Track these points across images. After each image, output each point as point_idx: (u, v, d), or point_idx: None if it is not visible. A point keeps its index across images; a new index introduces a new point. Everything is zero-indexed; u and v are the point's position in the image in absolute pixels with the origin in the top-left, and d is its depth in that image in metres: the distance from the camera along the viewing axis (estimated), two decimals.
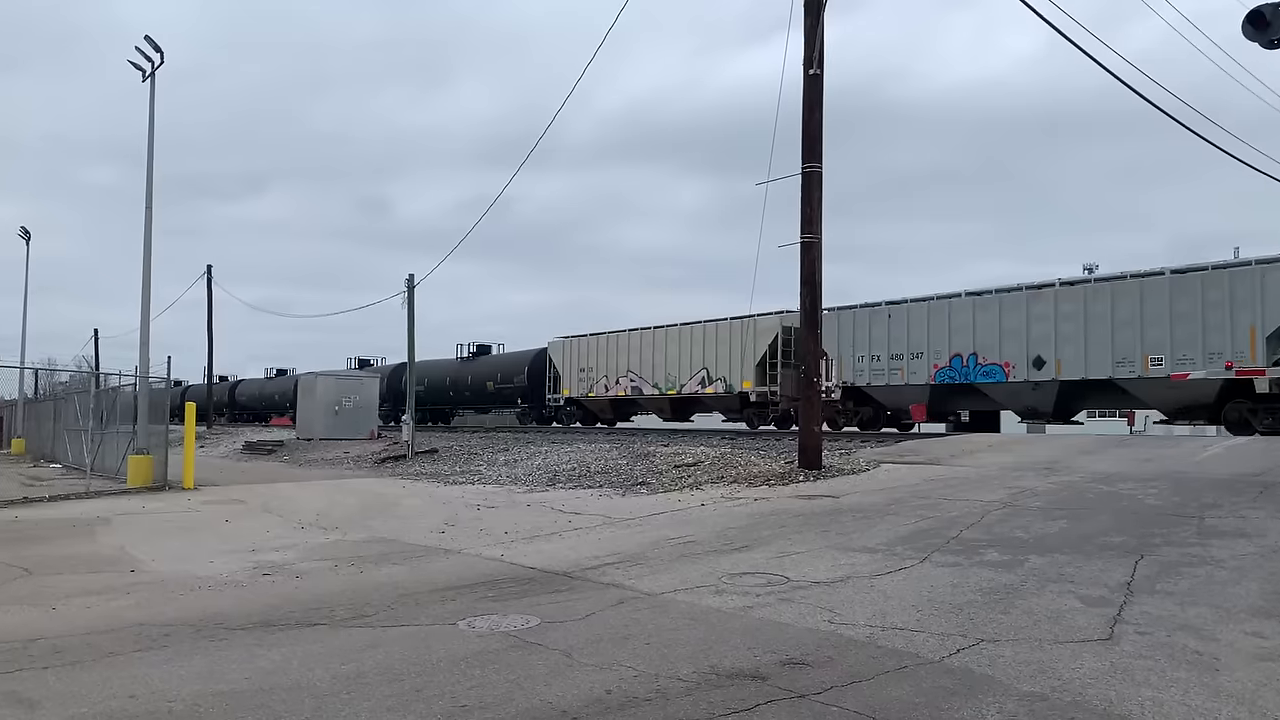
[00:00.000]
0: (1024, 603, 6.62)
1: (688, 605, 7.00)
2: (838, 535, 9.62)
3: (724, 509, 12.20)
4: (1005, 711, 4.51)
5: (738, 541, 9.63)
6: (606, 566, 8.69)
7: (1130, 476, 12.49)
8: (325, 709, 4.86)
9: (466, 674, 5.40)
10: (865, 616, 6.40)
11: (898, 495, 12.13)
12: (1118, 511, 10.05)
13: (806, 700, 4.74)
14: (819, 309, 16.00)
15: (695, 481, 15.40)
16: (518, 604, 7.28)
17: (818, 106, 15.60)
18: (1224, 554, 7.81)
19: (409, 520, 13.11)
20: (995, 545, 8.62)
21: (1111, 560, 7.78)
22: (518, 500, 14.90)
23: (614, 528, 11.25)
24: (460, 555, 9.89)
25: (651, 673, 5.28)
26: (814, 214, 15.66)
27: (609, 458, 19.28)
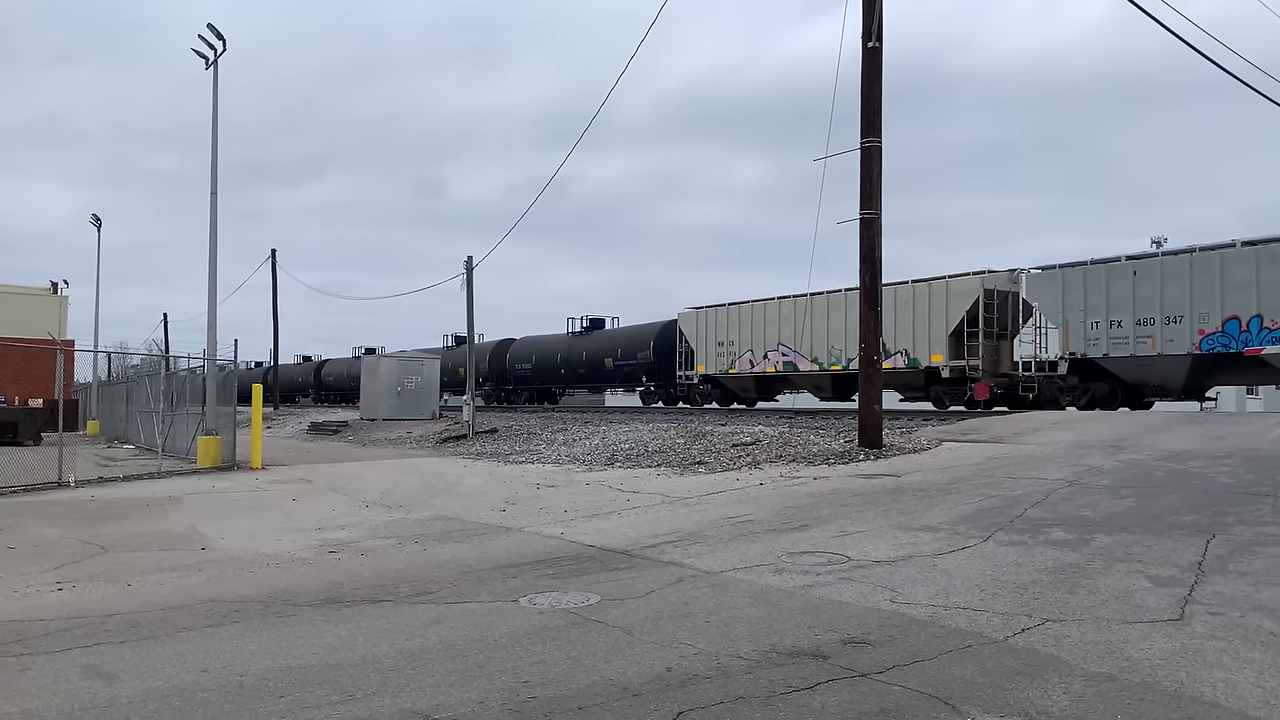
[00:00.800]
0: (1091, 582, 6.50)
1: (747, 584, 6.99)
2: (899, 514, 9.53)
3: (783, 488, 12.15)
4: (1072, 692, 4.44)
5: (797, 520, 9.59)
6: (665, 545, 8.72)
7: (1201, 454, 12.19)
8: (390, 683, 4.94)
9: (528, 650, 5.46)
10: (928, 596, 6.34)
11: (960, 474, 11.97)
12: (1188, 490, 9.82)
13: (868, 679, 4.71)
14: (879, 285, 15.81)
15: (754, 460, 15.36)
16: (578, 582, 7.34)
17: (877, 80, 15.37)
18: None
19: (470, 499, 13.26)
20: (1061, 524, 8.48)
21: (1182, 539, 7.61)
22: (576, 479, 14.99)
23: (672, 506, 11.27)
24: (521, 533, 9.98)
25: (712, 650, 5.29)
26: (873, 190, 15.46)
27: (667, 437, 19.30)
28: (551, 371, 45.40)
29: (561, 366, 44.68)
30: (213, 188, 22.70)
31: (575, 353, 43.88)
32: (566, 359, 44.37)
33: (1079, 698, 4.37)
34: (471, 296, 28.40)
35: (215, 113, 22.92)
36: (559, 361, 44.80)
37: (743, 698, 4.50)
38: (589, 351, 43.08)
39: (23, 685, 5.10)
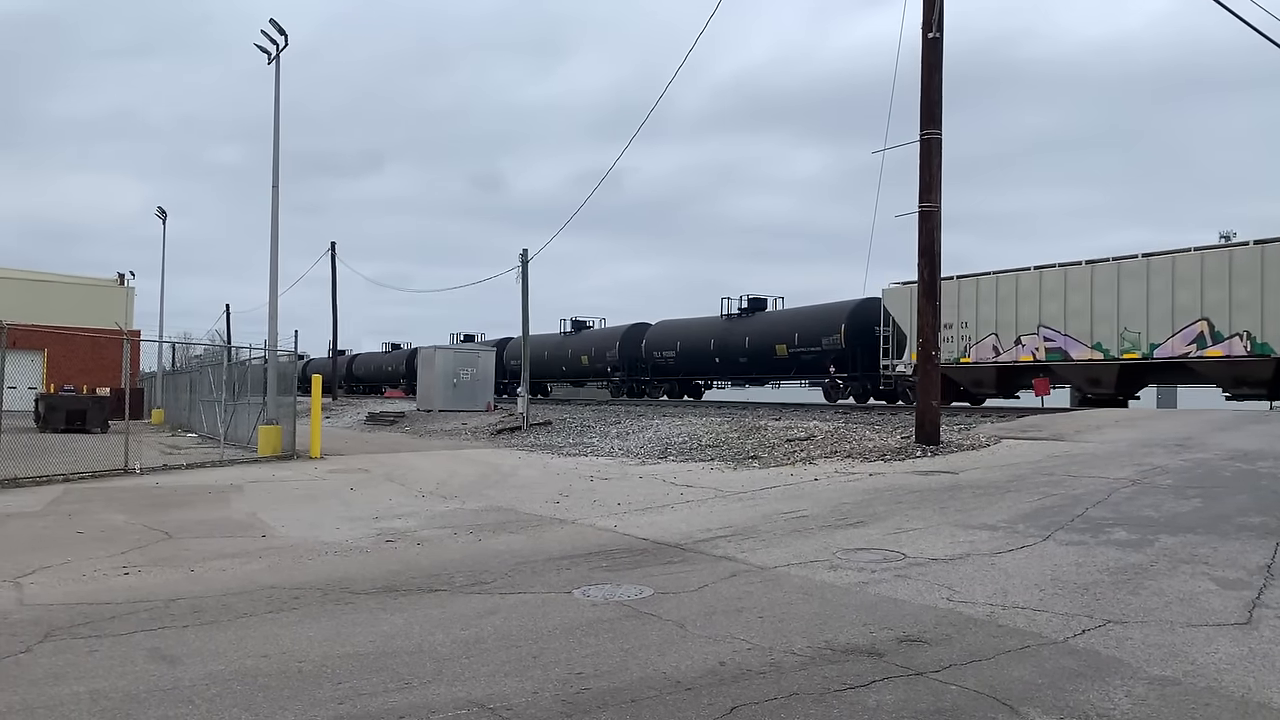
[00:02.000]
0: (1154, 584, 6.36)
1: (801, 579, 6.95)
2: (956, 512, 9.41)
3: (837, 484, 12.06)
4: (1134, 695, 4.35)
5: (852, 517, 9.51)
6: (718, 539, 8.70)
7: (1270, 454, 11.86)
8: (445, 672, 4.99)
9: (582, 642, 5.48)
10: (985, 595, 6.25)
11: (1019, 472, 11.78)
12: (1257, 490, 9.56)
13: (924, 678, 4.66)
14: (938, 279, 15.61)
15: (808, 456, 15.26)
16: (631, 574, 7.35)
17: (937, 71, 15.16)
18: None
19: (524, 490, 13.35)
20: (1123, 524, 8.30)
21: (1250, 541, 7.41)
22: (630, 472, 15.02)
23: (725, 500, 11.24)
24: (574, 525, 10.03)
25: (765, 646, 5.27)
26: (933, 182, 15.26)
27: (720, 431, 19.26)
28: (702, 360, 39.10)
29: (716, 354, 38.23)
30: (274, 181, 23.10)
31: (734, 339, 37.41)
32: (723, 346, 37.90)
33: (1141, 701, 4.28)
34: (526, 289, 28.58)
35: (277, 107, 23.31)
36: (712, 349, 38.42)
37: (796, 694, 4.48)
38: (753, 337, 36.55)
39: (90, 666, 5.24)
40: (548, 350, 47.69)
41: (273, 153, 23.16)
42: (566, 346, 47.69)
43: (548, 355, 47.61)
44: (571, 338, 48.38)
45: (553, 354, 47.92)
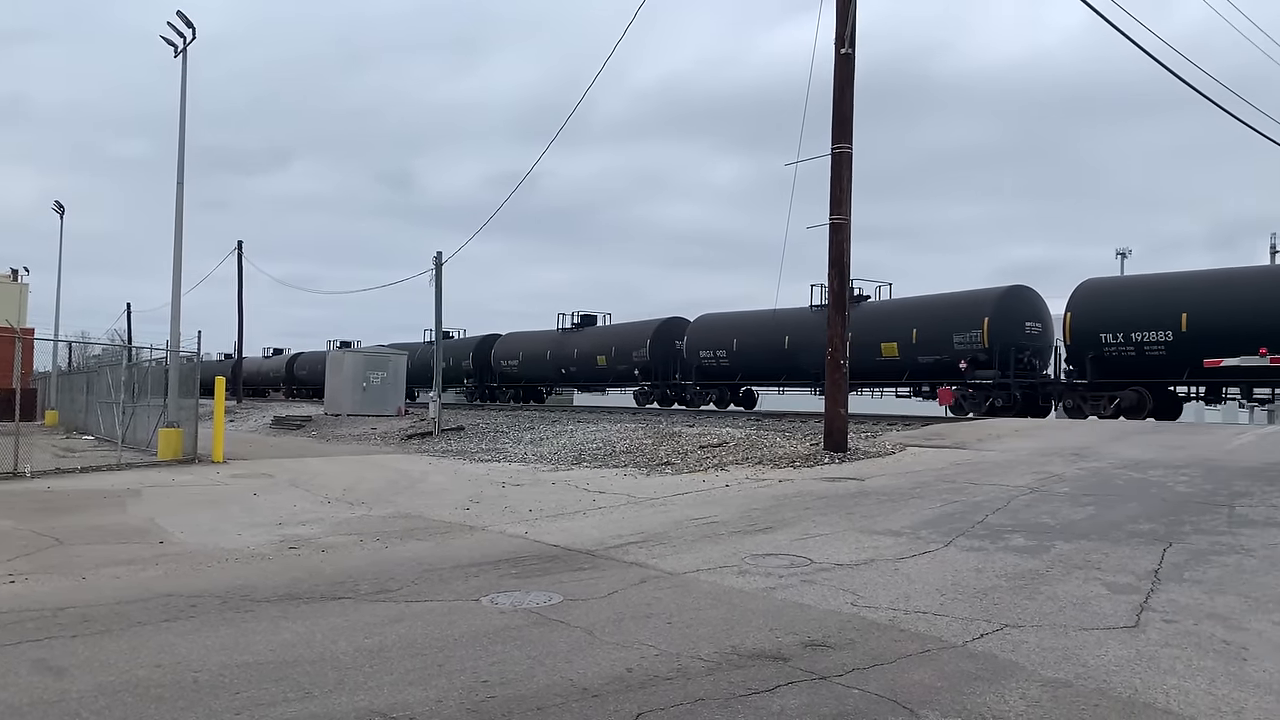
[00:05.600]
0: (1049, 589, 6.56)
1: (710, 585, 6.99)
2: (862, 518, 9.58)
3: (748, 490, 12.18)
4: (1029, 697, 4.48)
5: (761, 523, 9.61)
6: (630, 545, 8.71)
7: (1160, 463, 12.35)
8: (347, 681, 4.89)
9: (488, 650, 5.43)
10: (888, 599, 6.37)
11: (923, 479, 12.05)
12: (1147, 499, 9.94)
13: (827, 682, 4.72)
14: (847, 290, 15.88)
15: (720, 462, 15.38)
16: (541, 581, 7.31)
17: (849, 86, 15.45)
18: (1254, 543, 7.71)
19: (434, 497, 13.18)
20: (1021, 530, 8.55)
21: (1139, 547, 7.70)
22: (543, 478, 14.95)
23: (638, 507, 11.26)
24: (484, 532, 9.94)
25: (673, 652, 5.28)
26: (843, 195, 15.54)
27: (635, 437, 19.29)
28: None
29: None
30: (179, 177, 22.41)
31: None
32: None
33: (1035, 703, 4.41)
34: (440, 293, 28.26)
35: (183, 102, 22.64)
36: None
37: (702, 699, 4.50)
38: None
39: None
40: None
41: (178, 148, 22.47)
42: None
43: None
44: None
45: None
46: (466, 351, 48.42)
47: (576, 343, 41.00)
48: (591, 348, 39.91)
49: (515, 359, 44.84)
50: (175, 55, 22.74)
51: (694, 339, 35.75)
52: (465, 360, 48.01)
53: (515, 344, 45.65)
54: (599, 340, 40.01)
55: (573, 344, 41.08)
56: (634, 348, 37.13)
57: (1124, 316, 23.14)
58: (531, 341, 44.27)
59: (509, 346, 45.90)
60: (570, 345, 41.16)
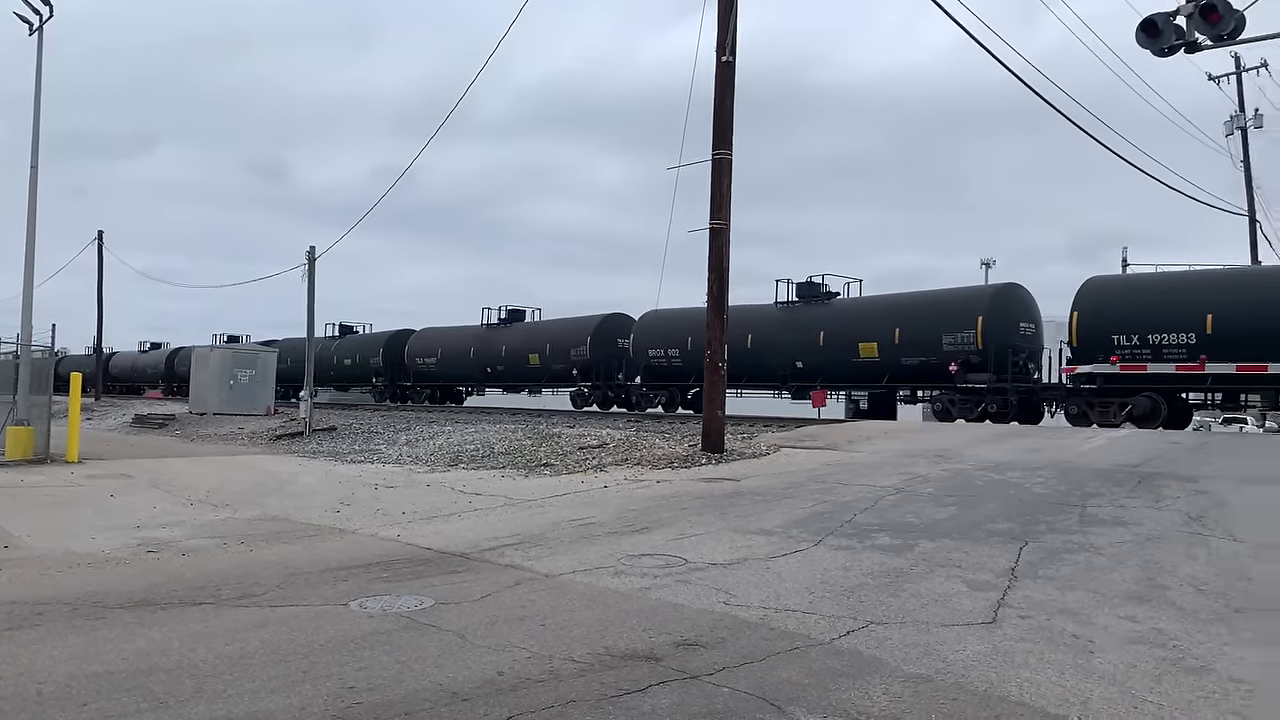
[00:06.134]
0: (913, 586, 6.77)
1: (585, 586, 6.98)
2: (736, 518, 9.71)
3: (626, 491, 12.22)
4: (891, 693, 4.61)
5: (638, 523, 9.65)
6: (505, 548, 8.63)
7: (1018, 465, 12.90)
8: (206, 689, 4.71)
9: (356, 655, 5.30)
10: (759, 598, 6.48)
11: (796, 479, 12.31)
12: (1005, 499, 10.36)
13: (698, 681, 4.77)
14: (726, 295, 16.11)
15: (599, 463, 15.40)
16: (412, 585, 7.17)
17: (729, 94, 15.67)
18: (1103, 541, 8.11)
19: (303, 499, 12.81)
20: (887, 530, 8.81)
21: (998, 546, 8.02)
22: (418, 480, 14.69)
23: (515, 509, 11.17)
24: (355, 535, 9.70)
25: (545, 654, 5.25)
26: (723, 201, 15.76)
27: (514, 439, 19.15)
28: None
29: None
30: (33, 161, 21.25)
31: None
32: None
33: (897, 698, 4.54)
34: (313, 288, 27.45)
35: (39, 84, 21.47)
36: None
37: (573, 701, 4.48)
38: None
39: None
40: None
41: (32, 131, 21.31)
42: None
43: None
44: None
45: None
46: (375, 348, 45.19)
47: (504, 339, 38.10)
48: (522, 345, 37.20)
49: (433, 356, 41.58)
50: (30, 33, 21.56)
51: (642, 336, 33.03)
52: (374, 358, 44.88)
53: (432, 340, 42.27)
54: (531, 337, 37.34)
55: (500, 341, 38.27)
56: (572, 345, 34.43)
57: (1139, 317, 21.82)
58: (452, 338, 40.99)
59: (425, 343, 42.63)
60: (497, 342, 38.33)
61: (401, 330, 45.21)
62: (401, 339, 44.31)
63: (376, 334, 46.99)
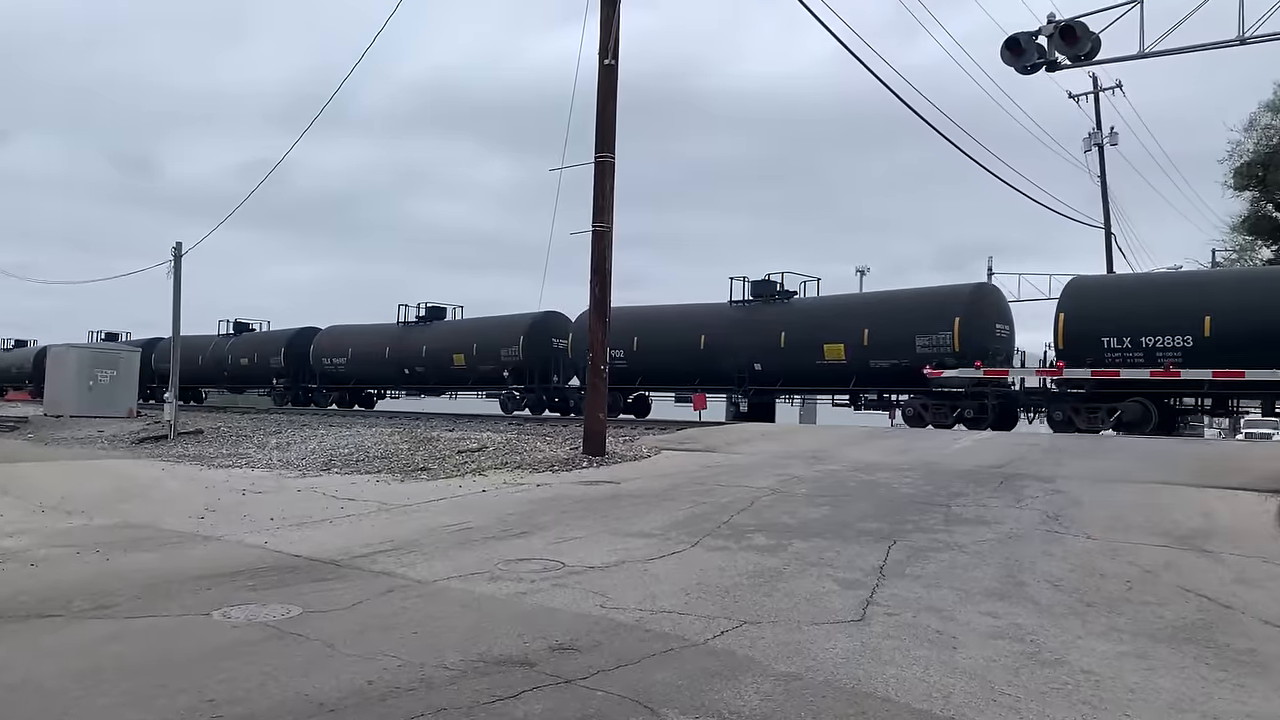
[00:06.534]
0: (786, 585, 6.89)
1: (460, 592, 6.88)
2: (616, 520, 9.73)
3: (506, 495, 12.11)
4: (762, 692, 4.67)
5: (517, 528, 9.56)
6: (378, 554, 8.43)
7: (888, 466, 13.28)
8: (53, 708, 4.46)
9: (217, 666, 5.10)
10: (636, 600, 6.49)
11: (675, 481, 12.40)
12: (875, 499, 10.65)
13: (572, 685, 4.74)
14: (608, 298, 16.14)
15: (479, 467, 15.21)
16: (279, 593, 6.94)
17: (612, 97, 15.71)
18: (966, 540, 8.41)
19: (165, 505, 12.28)
20: (763, 530, 8.95)
21: (868, 545, 8.23)
22: (288, 485, 14.26)
23: (390, 514, 10.95)
24: (220, 542, 9.35)
25: (417, 662, 5.15)
26: (605, 204, 15.78)
27: (390, 442, 18.76)
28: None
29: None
30: None
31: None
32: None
33: (768, 697, 4.61)
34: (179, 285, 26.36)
35: None
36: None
37: (445, 709, 4.41)
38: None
39: None
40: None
41: None
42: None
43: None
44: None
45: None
46: (276, 347, 41.96)
47: (424, 339, 35.69)
48: (445, 345, 34.87)
49: (342, 357, 38.81)
50: None
51: (320, 348, 32.89)
52: (275, 357, 41.64)
53: (341, 339, 39.50)
54: (455, 336, 34.98)
55: (419, 340, 35.79)
56: (502, 345, 32.30)
57: (1132, 318, 20.92)
58: (364, 337, 38.49)
59: (333, 342, 39.72)
60: (416, 342, 35.86)
61: (306, 328, 42.20)
62: (306, 338, 41.35)
63: (277, 332, 43.71)
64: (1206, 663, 5.17)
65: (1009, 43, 13.20)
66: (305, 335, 41.43)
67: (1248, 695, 4.70)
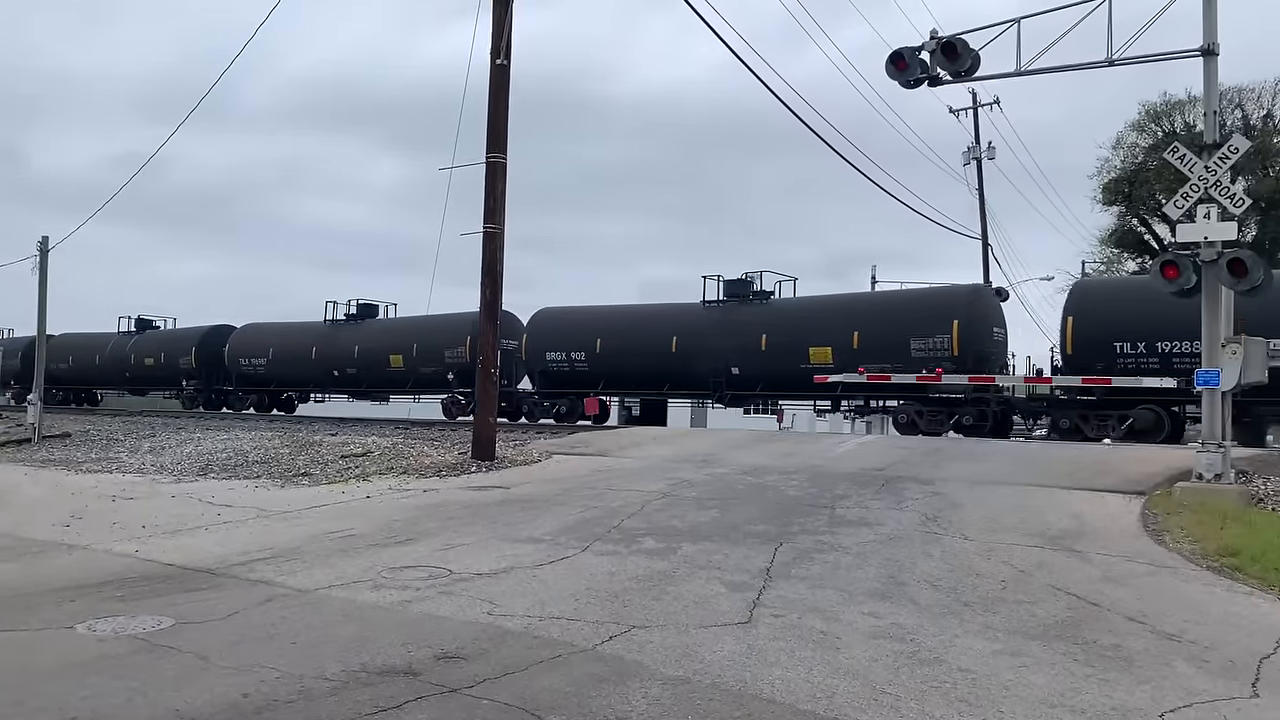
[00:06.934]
0: (675, 589, 6.92)
1: (343, 601, 6.70)
2: (505, 526, 9.62)
3: (391, 500, 11.87)
4: (650, 696, 4.67)
5: (402, 534, 9.38)
6: (257, 562, 8.16)
7: (775, 469, 13.47)
8: None
9: (81, 682, 4.85)
10: (524, 607, 6.42)
11: (566, 486, 12.34)
12: (763, 502, 10.79)
13: (458, 695, 4.66)
14: (499, 300, 15.99)
15: (363, 472, 14.89)
16: (151, 604, 6.65)
17: (504, 97, 15.58)
18: (849, 541, 8.58)
19: (27, 512, 11.67)
20: (653, 534, 8.97)
21: (755, 547, 8.32)
22: (162, 491, 13.70)
23: (269, 521, 10.61)
24: (86, 551, 8.92)
25: (296, 673, 4.98)
26: (497, 205, 15.63)
27: (270, 446, 18.21)
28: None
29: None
30: None
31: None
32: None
33: (656, 701, 4.61)
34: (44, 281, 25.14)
35: None
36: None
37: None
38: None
39: None
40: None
41: None
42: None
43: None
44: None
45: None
46: (186, 346, 38.25)
47: (357, 338, 32.66)
48: (380, 345, 32.10)
49: (263, 357, 35.45)
50: None
51: (538, 338, 28.60)
52: (185, 358, 37.96)
53: (262, 338, 36.16)
54: (392, 335, 32.08)
55: (350, 340, 32.77)
56: (447, 346, 29.58)
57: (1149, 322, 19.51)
58: (287, 336, 35.13)
59: (252, 341, 36.32)
60: (347, 341, 32.86)
61: (220, 326, 38.74)
62: (220, 336, 37.81)
63: (187, 330, 39.91)
64: (1076, 659, 5.38)
65: (893, 57, 13.54)
66: (219, 333, 38.16)
67: (1112, 689, 4.91)
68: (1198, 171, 11.00)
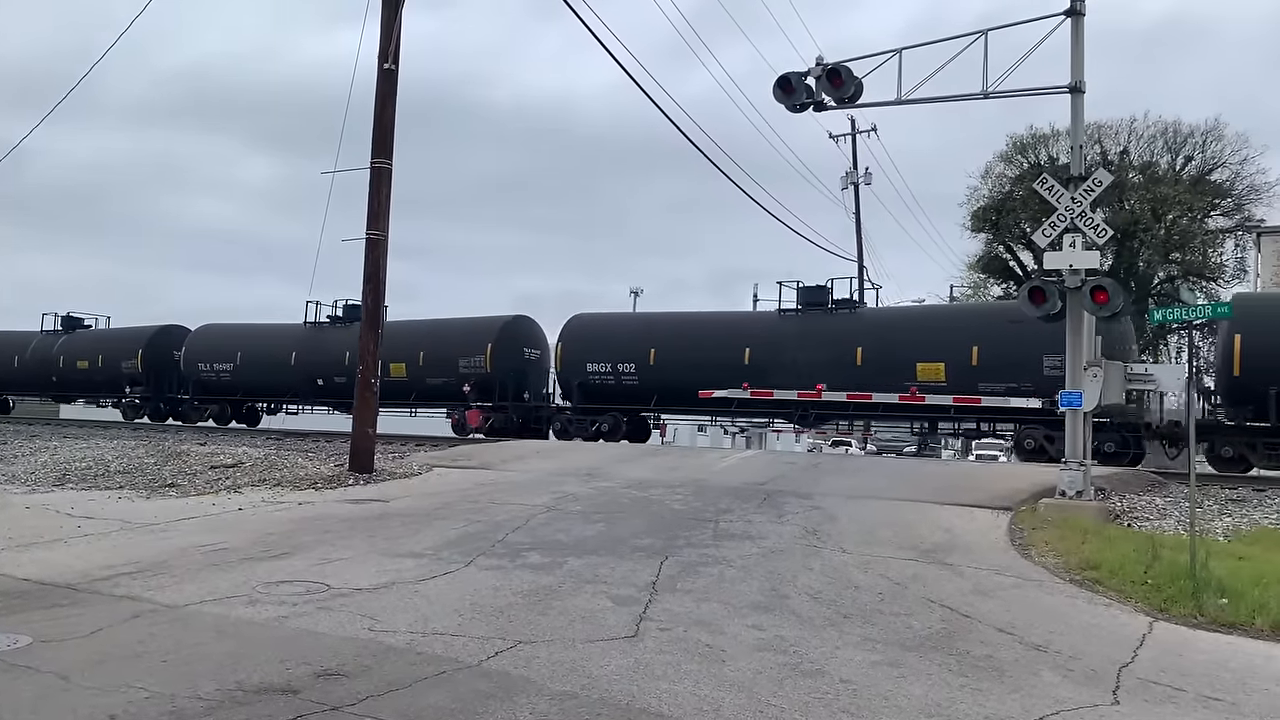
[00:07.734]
0: (561, 603, 6.89)
1: (215, 617, 6.45)
2: (384, 540, 9.42)
3: (264, 513, 11.48)
4: (538, 712, 4.63)
5: (277, 548, 9.08)
6: (121, 577, 7.78)
7: (660, 483, 13.57)
8: None
9: None
10: (407, 623, 6.30)
11: (448, 499, 12.16)
12: (649, 515, 10.84)
13: (340, 713, 4.53)
14: (381, 307, 15.70)
15: (234, 484, 14.36)
16: (5, 622, 6.27)
17: (391, 102, 15.35)
18: (733, 554, 8.70)
19: None
20: (538, 548, 8.92)
21: (641, 561, 8.36)
22: (14, 501, 12.93)
23: (134, 533, 10.14)
24: None
25: (167, 693, 4.77)
26: (380, 210, 15.38)
27: (134, 456, 17.41)
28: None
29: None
30: None
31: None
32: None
33: (544, 716, 4.57)
34: None
35: None
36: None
37: None
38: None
39: None
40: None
41: None
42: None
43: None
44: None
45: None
46: (131, 349, 33.75)
47: (348, 343, 25.58)
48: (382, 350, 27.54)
49: (228, 362, 31.64)
50: None
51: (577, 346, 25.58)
52: (129, 361, 33.55)
53: (226, 341, 32.23)
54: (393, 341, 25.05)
55: (339, 344, 28.17)
56: (462, 355, 26.74)
57: None
58: (259, 339, 31.63)
59: (215, 344, 32.41)
60: (335, 346, 28.64)
61: (169, 326, 34.60)
62: (171, 337, 33.79)
63: (131, 329, 35.49)
64: (950, 669, 5.57)
65: (781, 82, 13.88)
66: (170, 335, 34.10)
67: (985, 698, 5.09)
68: (1064, 202, 11.58)
